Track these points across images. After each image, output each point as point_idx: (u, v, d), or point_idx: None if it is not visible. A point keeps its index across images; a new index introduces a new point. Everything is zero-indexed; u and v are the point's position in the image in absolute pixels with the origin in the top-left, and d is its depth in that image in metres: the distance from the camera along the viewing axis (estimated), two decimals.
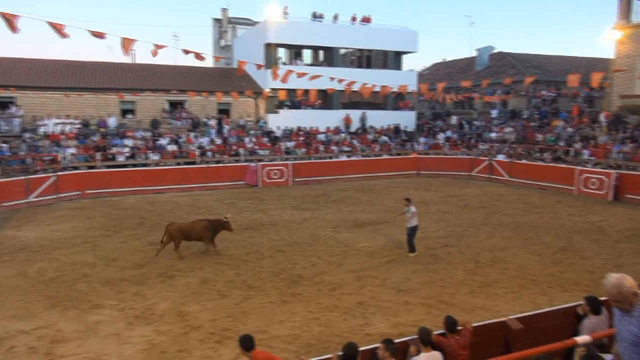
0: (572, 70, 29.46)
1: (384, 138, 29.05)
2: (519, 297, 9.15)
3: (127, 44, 13.80)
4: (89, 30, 12.22)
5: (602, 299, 5.37)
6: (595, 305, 5.36)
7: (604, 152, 21.46)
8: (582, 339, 4.32)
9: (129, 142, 23.57)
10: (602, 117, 23.60)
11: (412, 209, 11.89)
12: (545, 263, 11.23)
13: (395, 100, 31.61)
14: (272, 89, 27.13)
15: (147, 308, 8.73)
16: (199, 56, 16.23)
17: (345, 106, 30.76)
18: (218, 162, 23.90)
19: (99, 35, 12.39)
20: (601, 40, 27.12)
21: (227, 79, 28.96)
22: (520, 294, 9.31)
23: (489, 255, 11.89)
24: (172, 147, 23.88)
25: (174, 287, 9.77)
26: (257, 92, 28.00)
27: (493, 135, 27.61)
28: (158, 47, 15.66)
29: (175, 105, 27.26)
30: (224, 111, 28.20)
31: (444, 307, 8.56)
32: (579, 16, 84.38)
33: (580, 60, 35.98)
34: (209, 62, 37.62)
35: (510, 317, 5.97)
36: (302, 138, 27.70)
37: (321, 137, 28.20)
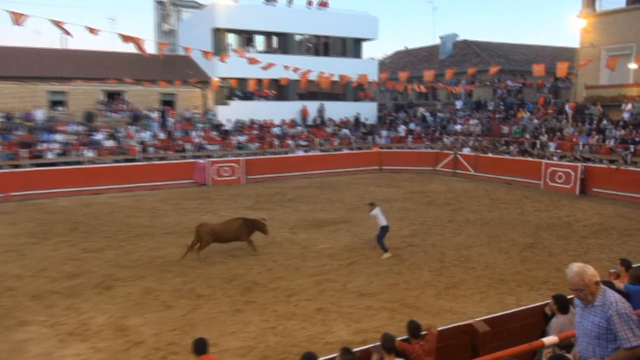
0: (537, 60, 30.52)
1: (345, 131, 29.25)
2: (486, 297, 9.41)
3: (58, 25, 13.31)
4: (8, 11, 11.65)
5: (569, 297, 5.57)
6: (562, 304, 5.56)
7: (570, 145, 22.38)
8: (549, 339, 4.47)
9: (59, 137, 22.77)
10: (568, 108, 24.59)
11: (373, 212, 12.16)
12: (512, 261, 11.61)
13: (355, 90, 31.84)
14: (222, 78, 26.79)
15: (82, 323, 8.45)
16: (140, 47, 15.83)
17: (302, 97, 30.77)
18: (162, 158, 23.44)
19: (17, 17, 11.83)
20: (567, 29, 28.20)
21: (171, 66, 28.39)
22: (487, 294, 9.58)
23: (455, 254, 12.17)
24: (109, 143, 23.26)
25: (113, 299, 9.50)
26: (205, 82, 27.60)
27: (458, 127, 28.30)
28: (92, 31, 15.18)
29: (112, 96, 26.54)
30: (167, 102, 27.63)
31: (408, 311, 8.70)
32: (545, 3, 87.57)
33: (546, 49, 37.35)
34: (150, 48, 36.71)
35: (477, 319, 6.11)
36: (255, 131, 27.52)
37: (276, 130, 28.10)
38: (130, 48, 16.49)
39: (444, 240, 13.51)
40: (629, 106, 22.52)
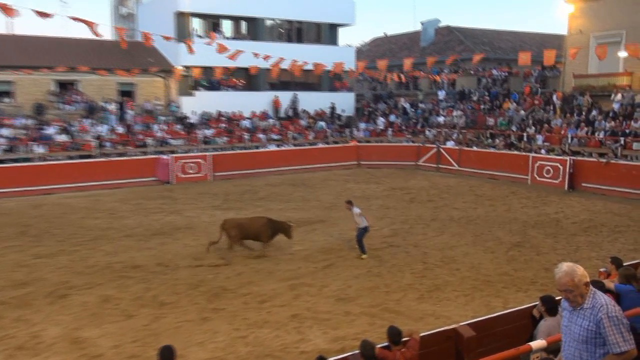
0: (524, 47, 31.02)
1: (322, 124, 29.27)
2: (472, 300, 9.54)
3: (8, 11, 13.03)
4: None
5: (558, 298, 5.68)
6: (551, 306, 5.66)
7: (558, 138, 22.81)
8: (537, 343, 4.54)
9: (6, 131, 22.30)
10: (555, 99, 25.05)
11: (356, 210, 12.20)
12: (499, 261, 11.79)
13: (330, 80, 31.86)
14: (185, 67, 26.52)
15: (33, 336, 8.29)
16: (93, 30, 15.58)
17: (273, 87, 30.67)
18: (120, 154, 23.13)
19: None
20: (554, 14, 28.71)
21: (130, 54, 27.96)
22: (472, 296, 9.71)
23: (438, 254, 12.30)
24: (61, 138, 22.87)
25: (67, 309, 9.34)
26: (167, 70, 27.30)
27: (441, 119, 28.58)
28: (41, 14, 14.87)
29: (65, 86, 26.11)
30: (126, 93, 27.29)
31: (389, 316, 8.76)
32: None
33: (532, 36, 37.97)
34: (107, 34, 36.13)
35: (462, 323, 6.18)
36: (222, 125, 27.34)
37: (245, 123, 27.97)
38: (85, 33, 16.24)
39: (427, 239, 13.63)
40: (619, 96, 23.05)
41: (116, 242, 13.63)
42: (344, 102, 32.14)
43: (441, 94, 31.56)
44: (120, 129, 24.54)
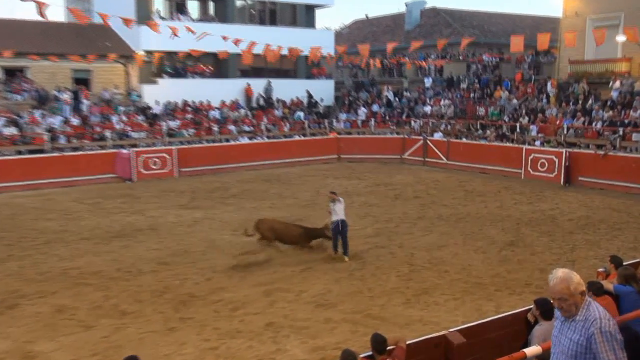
0: (516, 31, 31.32)
1: (299, 114, 29.25)
2: (462, 304, 9.64)
3: None
4: None
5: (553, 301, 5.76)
6: (546, 309, 5.73)
7: (553, 128, 23.11)
8: (532, 350, 4.59)
9: None
10: (550, 86, 25.37)
11: (341, 200, 12.26)
12: (490, 262, 11.92)
13: (307, 66, 31.83)
14: (147, 52, 26.26)
15: None
16: (40, 12, 15.35)
17: (245, 74, 30.56)
18: (75, 149, 22.89)
19: None
20: None
21: (86, 37, 27.61)
22: (463, 300, 9.80)
23: (425, 255, 12.39)
24: (9, 130, 22.54)
25: (17, 320, 9.23)
26: (128, 56, 27.03)
27: (427, 109, 28.76)
28: None
29: (12, 73, 25.78)
30: (82, 81, 27.02)
31: (373, 323, 8.80)
32: None
33: (525, 19, 38.45)
34: (60, 16, 35.53)
35: (451, 329, 6.24)
36: (189, 116, 27.18)
37: (214, 114, 27.84)
38: (35, 15, 15.98)
39: (413, 239, 13.72)
40: (617, 84, 23.39)
41: (72, 246, 13.48)
42: (323, 90, 32.13)
43: (428, 82, 31.73)
44: (75, 121, 24.23)
